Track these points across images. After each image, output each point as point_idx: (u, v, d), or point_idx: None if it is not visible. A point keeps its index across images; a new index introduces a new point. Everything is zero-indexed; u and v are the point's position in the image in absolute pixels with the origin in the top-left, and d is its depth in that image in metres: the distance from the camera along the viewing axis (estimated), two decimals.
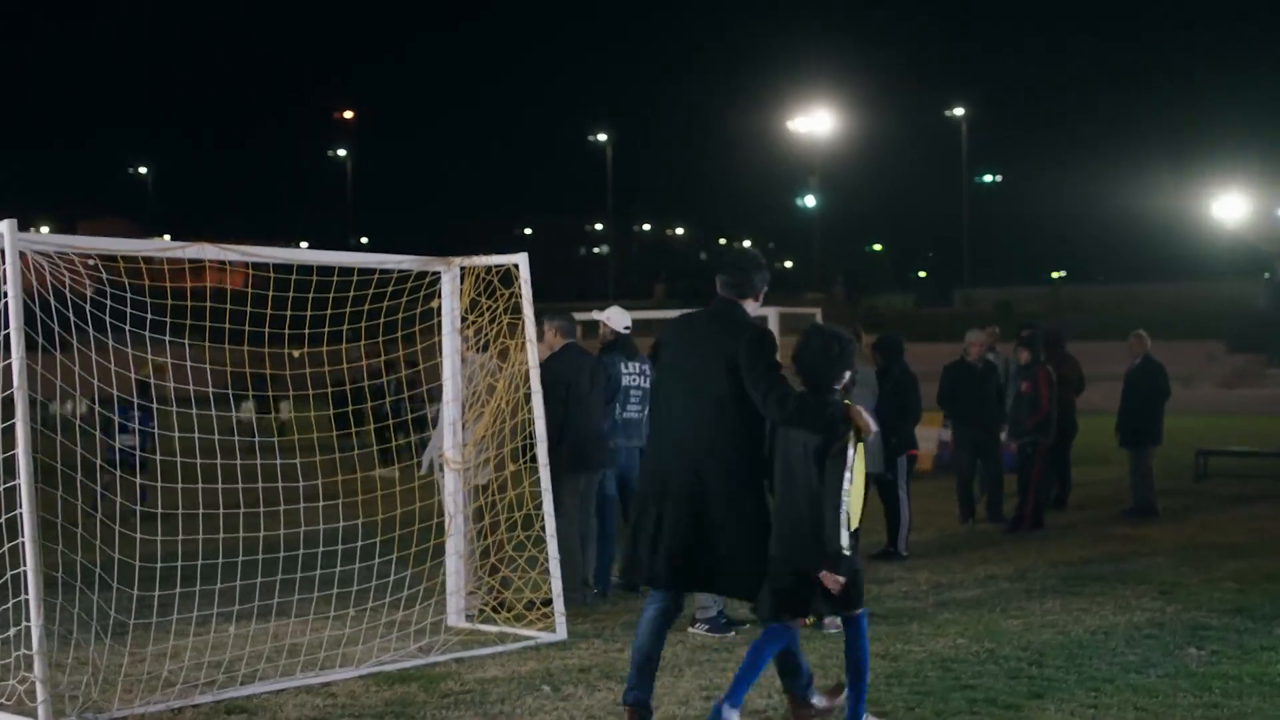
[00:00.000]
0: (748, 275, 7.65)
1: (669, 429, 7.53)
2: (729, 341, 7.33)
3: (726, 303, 7.64)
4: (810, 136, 63.11)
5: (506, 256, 10.07)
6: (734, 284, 7.64)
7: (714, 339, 7.43)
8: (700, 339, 7.54)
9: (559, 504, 11.23)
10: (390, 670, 8.98)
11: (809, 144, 64.19)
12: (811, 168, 65.85)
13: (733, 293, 7.64)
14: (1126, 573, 12.63)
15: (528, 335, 10.01)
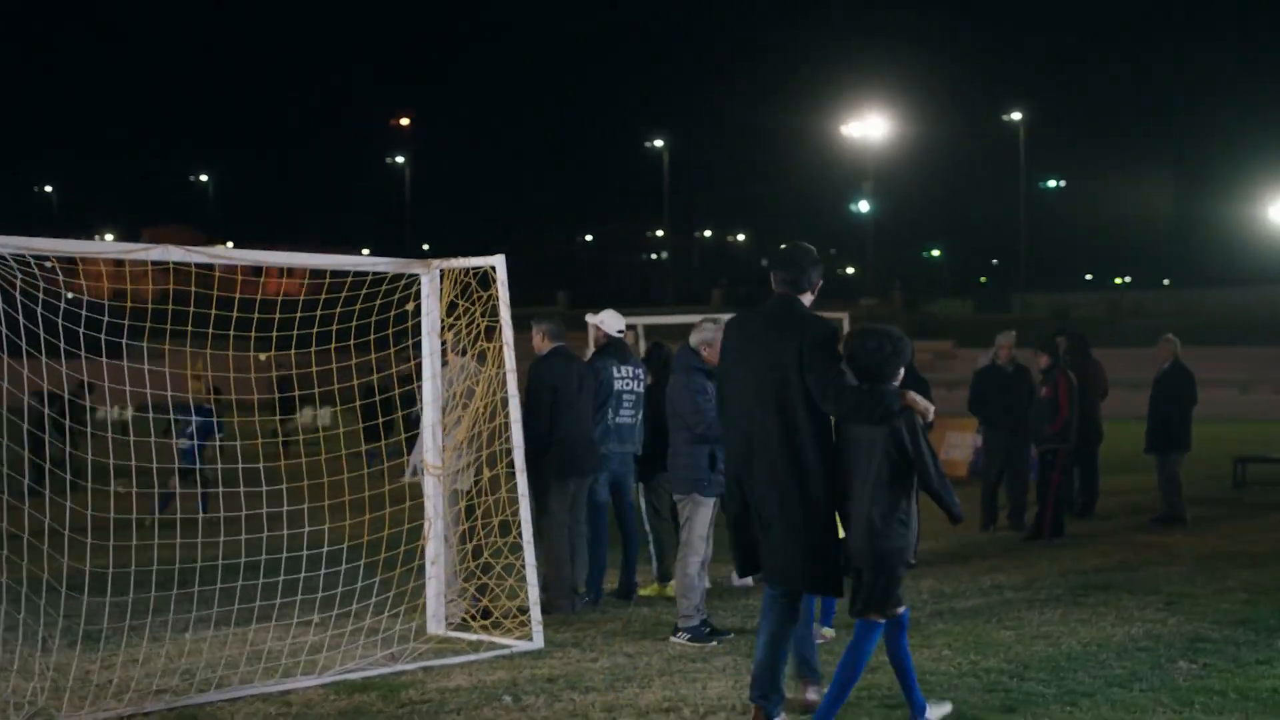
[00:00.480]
0: (804, 271, 7.71)
1: (741, 427, 7.60)
2: (793, 336, 7.42)
3: (784, 298, 7.70)
4: (864, 141, 62.69)
5: (484, 259, 9.91)
6: (790, 280, 7.70)
7: (777, 334, 7.51)
8: (763, 336, 7.59)
9: (546, 510, 11.09)
10: (354, 679, 8.83)
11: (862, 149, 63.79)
12: (865, 173, 65.46)
13: (789, 288, 7.70)
14: (1136, 582, 12.31)
15: (504, 338, 9.84)
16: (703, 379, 10.07)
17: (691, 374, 10.12)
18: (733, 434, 7.74)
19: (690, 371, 10.14)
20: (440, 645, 9.79)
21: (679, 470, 10.14)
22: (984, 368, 16.64)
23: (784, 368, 7.38)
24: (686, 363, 10.22)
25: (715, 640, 9.92)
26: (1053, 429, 15.25)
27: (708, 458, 9.99)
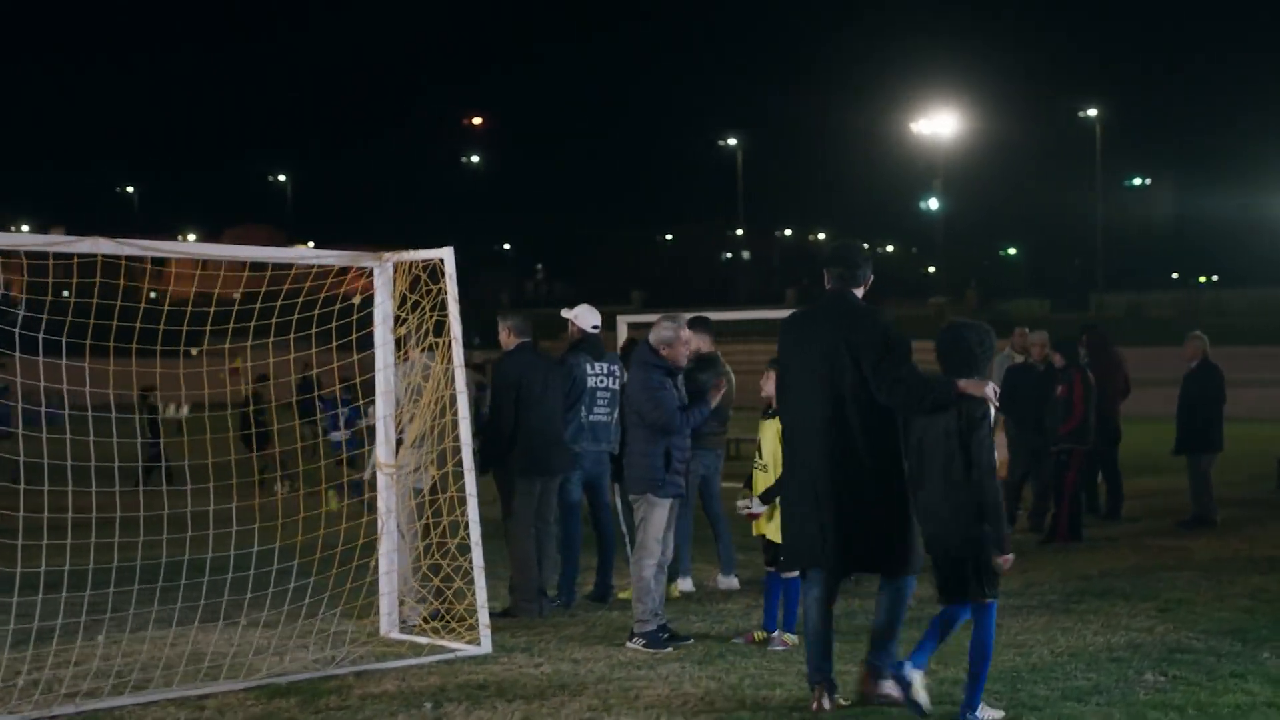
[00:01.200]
0: (858, 267, 7.99)
1: (805, 420, 7.83)
2: (849, 329, 7.71)
3: (838, 294, 7.96)
4: (933, 139, 61.89)
5: (433, 251, 9.62)
6: (845, 276, 7.95)
7: (833, 328, 7.77)
8: (820, 330, 7.84)
9: (511, 510, 10.80)
10: (280, 683, 8.58)
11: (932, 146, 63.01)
12: (935, 170, 64.65)
13: (843, 285, 7.95)
14: (1137, 588, 11.81)
15: (452, 333, 9.53)
16: (661, 375, 9.74)
17: (649, 370, 9.77)
18: (796, 427, 7.96)
19: (648, 367, 9.79)
20: (384, 649, 9.54)
21: (635, 470, 9.80)
22: (1015, 366, 16.13)
23: (842, 359, 7.64)
24: (644, 359, 9.88)
25: (672, 646, 9.58)
26: (1066, 429, 14.73)
27: (664, 457, 9.66)
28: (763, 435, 9.77)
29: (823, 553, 7.78)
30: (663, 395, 9.62)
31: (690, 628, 10.34)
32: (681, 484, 9.86)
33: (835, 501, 7.68)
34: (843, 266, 8.00)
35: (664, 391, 9.63)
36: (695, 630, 10.26)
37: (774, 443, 9.63)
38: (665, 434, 9.67)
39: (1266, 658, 9.22)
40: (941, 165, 63.87)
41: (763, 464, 9.76)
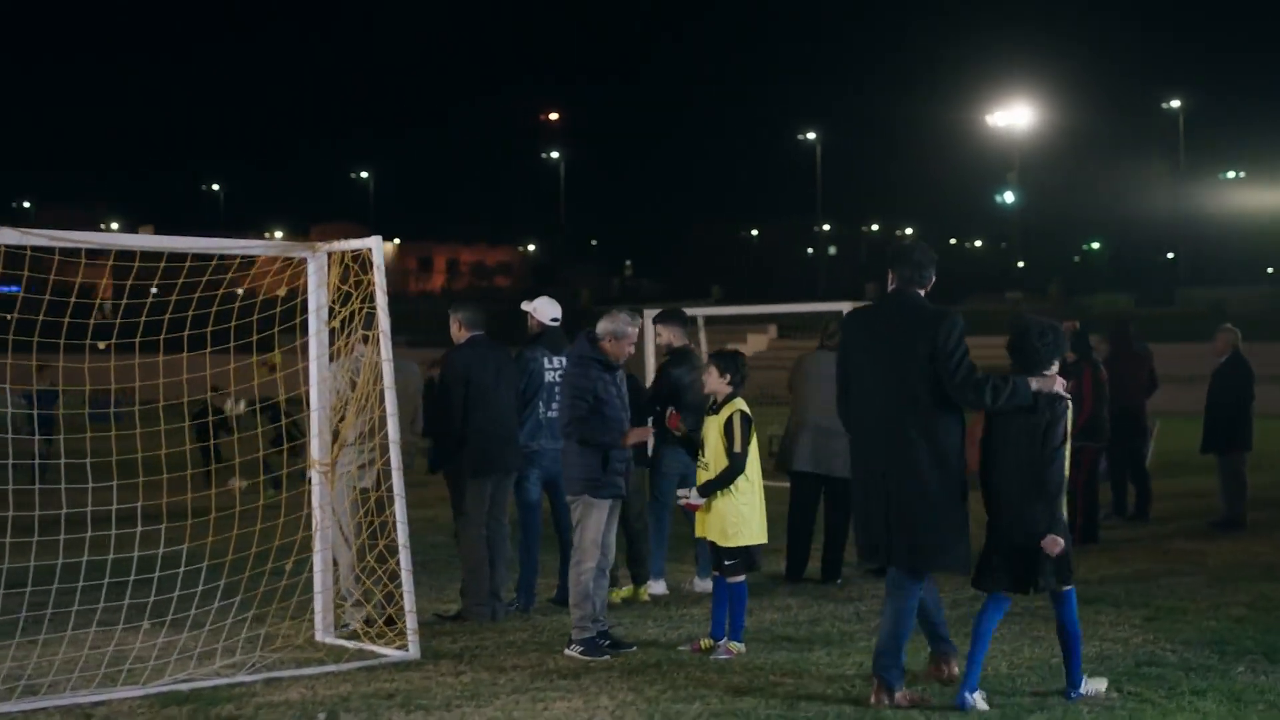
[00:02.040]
0: (924, 268, 8.06)
1: (873, 419, 7.92)
2: (920, 327, 7.81)
3: (905, 293, 8.06)
4: (1009, 131, 60.81)
5: (361, 240, 9.25)
6: (910, 277, 8.04)
7: (903, 327, 7.89)
8: (894, 330, 7.93)
9: (461, 511, 10.41)
10: (182, 690, 8.23)
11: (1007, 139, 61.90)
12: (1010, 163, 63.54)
13: (908, 285, 8.04)
14: (1132, 594, 11.20)
15: (380, 327, 9.14)
16: (597, 371, 9.28)
17: (586, 365, 9.32)
18: (864, 425, 8.01)
19: (583, 361, 9.34)
20: (307, 654, 9.15)
21: (571, 470, 9.36)
22: None
23: (915, 359, 7.75)
24: (581, 351, 9.42)
25: (611, 654, 9.13)
26: (1075, 426, 14.05)
27: (601, 458, 9.21)
28: (705, 433, 9.31)
29: (892, 551, 7.90)
30: (578, 398, 9.18)
31: (644, 633, 9.91)
32: (621, 485, 9.41)
33: (905, 500, 7.79)
34: (909, 266, 8.06)
35: (579, 396, 9.19)
36: (649, 636, 9.83)
37: (716, 441, 9.17)
38: (565, 436, 9.26)
39: (1240, 672, 8.64)
40: (1017, 158, 62.76)
41: (704, 462, 9.29)
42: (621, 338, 9.38)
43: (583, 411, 9.16)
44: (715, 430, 9.16)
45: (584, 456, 9.22)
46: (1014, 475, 7.71)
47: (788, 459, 12.19)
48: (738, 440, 9.15)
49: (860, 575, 12.17)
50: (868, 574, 12.18)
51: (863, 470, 8.07)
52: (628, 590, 11.29)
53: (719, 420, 9.19)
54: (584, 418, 9.16)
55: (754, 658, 9.05)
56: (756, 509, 9.26)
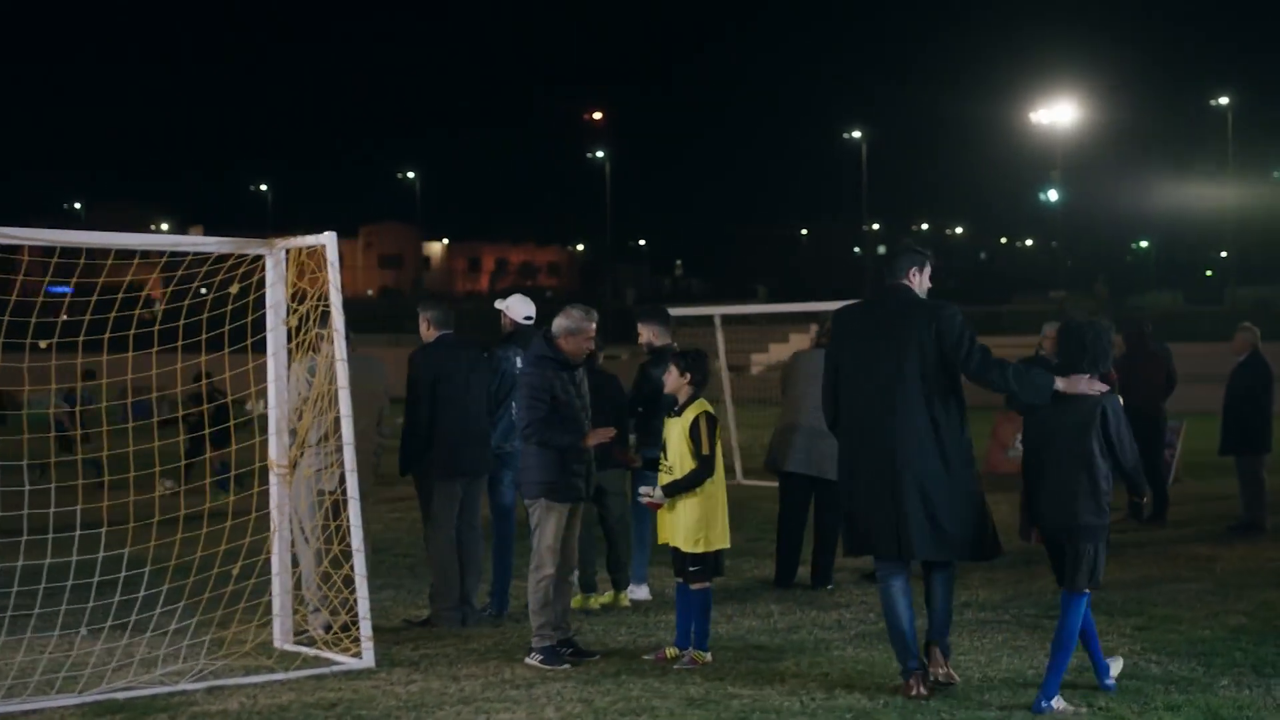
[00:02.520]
0: (925, 266, 8.17)
1: (875, 412, 7.94)
2: (920, 320, 7.90)
3: (903, 289, 8.14)
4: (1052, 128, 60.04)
5: (315, 236, 9.00)
6: (902, 272, 8.15)
7: (904, 319, 7.95)
8: (893, 324, 7.97)
9: (429, 514, 10.15)
10: (119, 699, 8.00)
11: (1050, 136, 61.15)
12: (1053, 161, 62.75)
13: (903, 279, 8.14)
14: (1130, 602, 10.83)
15: (334, 325, 8.88)
16: (554, 370, 8.99)
17: (542, 365, 9.03)
18: (864, 418, 8.01)
19: (539, 361, 9.06)
20: (253, 662, 8.88)
21: (528, 472, 9.08)
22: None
23: (919, 350, 7.82)
24: (537, 350, 9.14)
25: (573, 663, 8.85)
26: None
27: (559, 460, 8.93)
28: (668, 435, 9.00)
29: (902, 543, 7.87)
30: (536, 405, 8.90)
31: (615, 640, 9.63)
32: (581, 487, 9.10)
33: (918, 492, 7.80)
34: (907, 259, 8.17)
35: (537, 396, 8.91)
36: (619, 643, 9.55)
37: (680, 443, 8.87)
38: (523, 438, 8.99)
39: (1223, 686, 8.27)
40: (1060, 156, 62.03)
41: (667, 465, 8.98)
42: (578, 334, 9.08)
43: (541, 413, 8.87)
44: (679, 432, 8.86)
45: (541, 459, 8.94)
46: (1067, 470, 7.73)
47: (779, 460, 11.84)
48: (704, 442, 8.86)
49: (853, 581, 11.85)
50: (861, 580, 11.86)
51: (865, 461, 8.00)
52: (608, 596, 11.01)
53: (683, 422, 8.89)
54: (542, 419, 8.88)
55: (718, 667, 8.75)
56: (720, 513, 8.96)
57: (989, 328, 62.23)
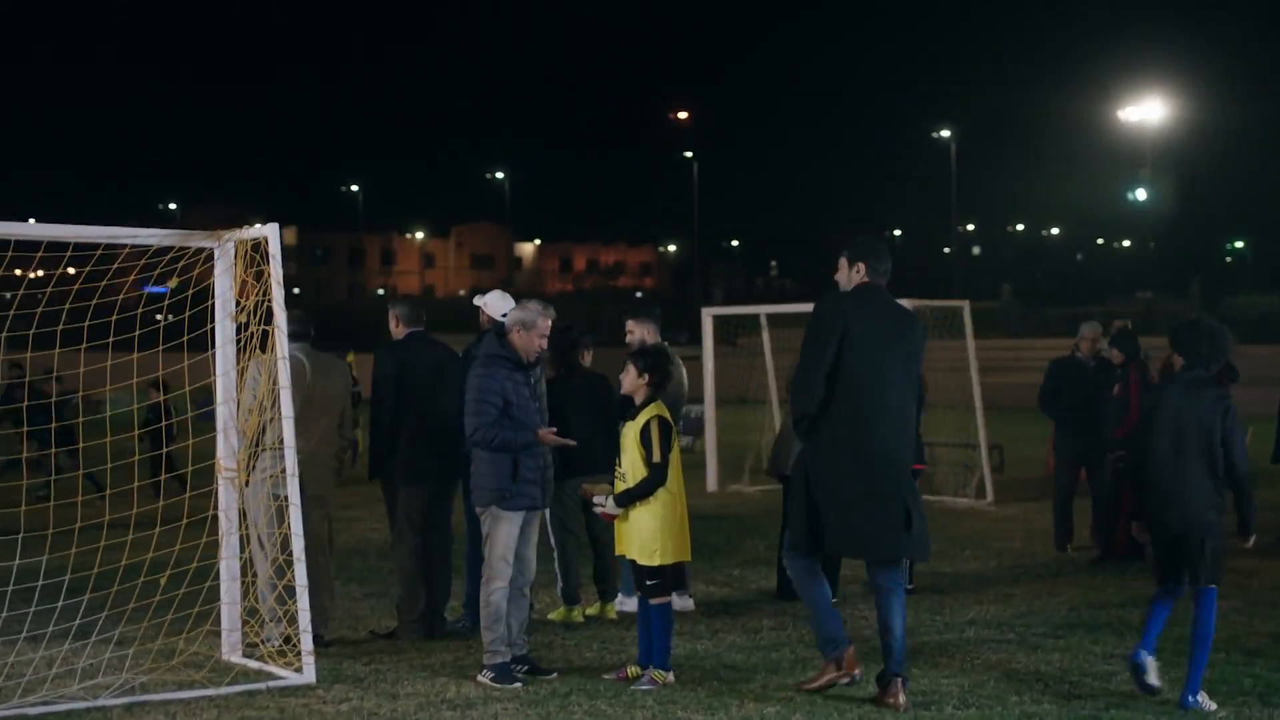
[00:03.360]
0: (886, 260, 8.15)
1: (884, 411, 7.87)
2: (912, 325, 8.10)
3: (882, 288, 8.13)
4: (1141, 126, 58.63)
5: (258, 229, 8.55)
6: (883, 271, 8.11)
7: (903, 322, 8.07)
8: (888, 322, 7.97)
9: (395, 521, 9.68)
10: (30, 714, 7.58)
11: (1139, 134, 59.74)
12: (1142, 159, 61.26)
13: (882, 279, 8.10)
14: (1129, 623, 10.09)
15: (276, 322, 8.41)
16: (507, 370, 8.46)
17: (493, 364, 8.50)
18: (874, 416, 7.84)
19: (490, 360, 8.52)
20: (181, 676, 8.41)
21: (479, 479, 8.54)
22: (1060, 360, 14.28)
23: (917, 360, 8.08)
24: (489, 349, 8.61)
25: (526, 681, 8.33)
26: (1121, 432, 12.91)
27: (510, 466, 8.39)
28: (623, 440, 8.44)
29: (909, 542, 7.87)
30: (484, 401, 8.37)
31: (581, 656, 9.10)
32: (536, 495, 8.55)
33: (909, 494, 7.88)
34: (880, 260, 8.07)
35: (485, 399, 8.38)
36: (584, 660, 9.02)
37: (633, 449, 8.31)
38: (471, 444, 8.48)
39: (1222, 718, 7.59)
40: (1150, 154, 60.53)
41: (621, 473, 8.41)
42: (530, 328, 8.53)
43: (490, 416, 8.34)
44: (632, 437, 8.30)
45: (493, 464, 8.41)
46: (1190, 469, 7.84)
47: (781, 462, 11.23)
48: (656, 449, 8.26)
49: (862, 594, 11.23)
50: (869, 591, 11.24)
51: (866, 464, 7.81)
52: (594, 607, 10.48)
53: (636, 426, 8.33)
54: (492, 422, 8.35)
55: (678, 688, 8.19)
56: (679, 524, 8.38)
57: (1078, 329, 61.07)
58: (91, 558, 9.06)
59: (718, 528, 15.17)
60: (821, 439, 7.94)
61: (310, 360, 9.44)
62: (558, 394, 10.09)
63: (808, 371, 7.95)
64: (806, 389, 7.95)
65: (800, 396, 8.00)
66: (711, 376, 20.38)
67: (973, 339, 18.45)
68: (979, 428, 18.26)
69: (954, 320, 18.53)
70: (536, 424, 8.51)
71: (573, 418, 9.91)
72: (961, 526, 15.39)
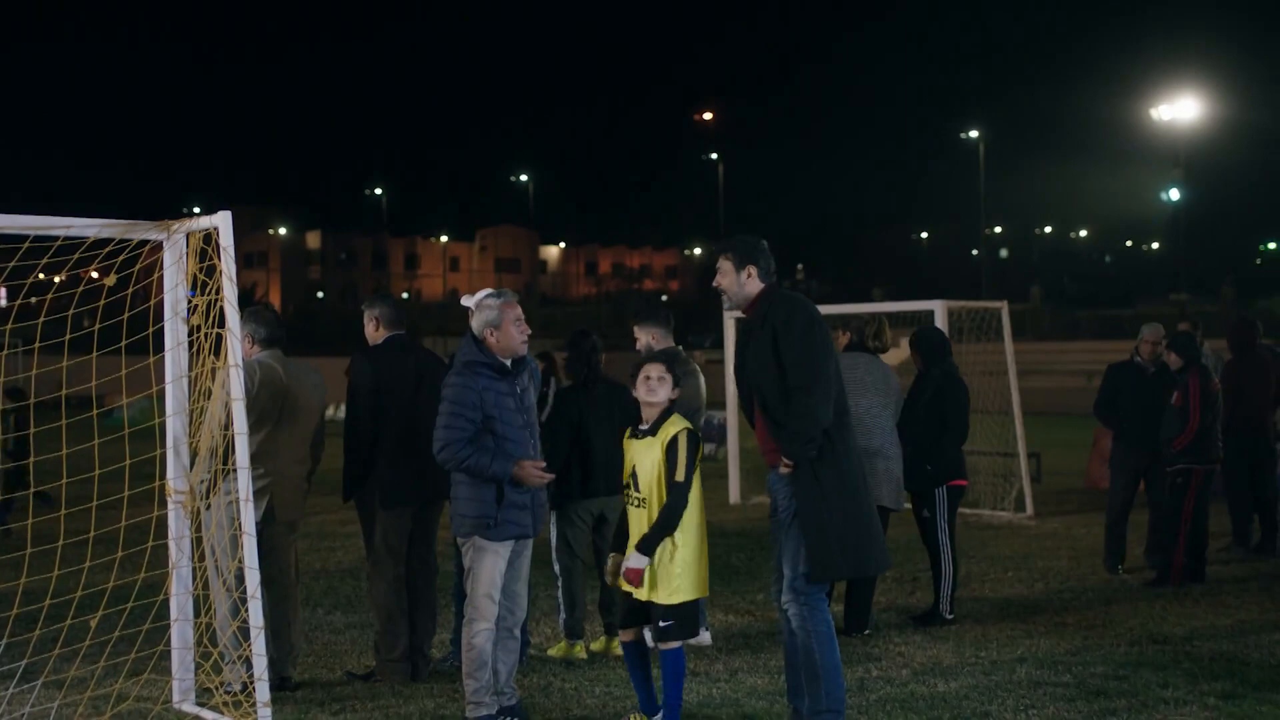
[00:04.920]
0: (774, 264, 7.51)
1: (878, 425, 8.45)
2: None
3: None
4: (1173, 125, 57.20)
5: (207, 218, 7.48)
6: (774, 273, 7.41)
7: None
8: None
9: (372, 548, 8.60)
10: None
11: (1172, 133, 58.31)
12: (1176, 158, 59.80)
13: (773, 282, 7.42)
14: (1219, 660, 8.98)
15: (229, 324, 7.33)
16: (487, 379, 7.35)
17: (470, 373, 7.36)
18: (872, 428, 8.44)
19: (469, 369, 7.39)
20: None
21: (459, 505, 7.43)
22: (1118, 364, 13.12)
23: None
24: (466, 356, 7.48)
25: None
26: (1179, 443, 11.76)
27: (495, 491, 7.28)
28: (637, 459, 7.35)
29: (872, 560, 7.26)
30: (456, 413, 7.27)
31: (581, 704, 8.01)
32: (526, 521, 7.43)
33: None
34: (770, 261, 7.33)
35: (459, 412, 7.28)
36: (585, 709, 7.92)
37: (657, 469, 7.22)
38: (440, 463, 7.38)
39: None
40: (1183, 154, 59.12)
41: (638, 498, 7.32)
42: (500, 325, 7.41)
43: (464, 432, 7.24)
44: (656, 455, 7.22)
45: (475, 488, 7.30)
46: None
47: None
48: (683, 467, 7.19)
49: (896, 625, 10.17)
50: (907, 624, 10.18)
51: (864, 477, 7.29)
52: (599, 642, 9.41)
53: (660, 441, 7.25)
54: (466, 440, 7.25)
55: None
56: (699, 554, 7.29)
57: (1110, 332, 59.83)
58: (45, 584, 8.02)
59: (739, 545, 14.08)
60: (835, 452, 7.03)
61: (283, 368, 8.40)
62: (578, 405, 9.09)
63: (824, 383, 6.97)
64: (827, 401, 6.99)
65: (821, 411, 6.96)
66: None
67: (1011, 341, 17.35)
68: (1018, 436, 17.15)
69: (990, 322, 17.43)
70: (523, 441, 7.40)
71: (594, 431, 8.91)
72: (1001, 544, 14.27)
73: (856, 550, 7.04)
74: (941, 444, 10.39)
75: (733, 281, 7.23)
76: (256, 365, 8.26)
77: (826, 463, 6.98)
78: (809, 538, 7.01)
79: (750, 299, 7.24)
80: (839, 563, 7.03)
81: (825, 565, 7.02)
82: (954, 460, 10.50)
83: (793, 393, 6.95)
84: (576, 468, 9.09)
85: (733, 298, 7.27)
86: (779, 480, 7.17)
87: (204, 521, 7.95)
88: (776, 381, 7.03)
